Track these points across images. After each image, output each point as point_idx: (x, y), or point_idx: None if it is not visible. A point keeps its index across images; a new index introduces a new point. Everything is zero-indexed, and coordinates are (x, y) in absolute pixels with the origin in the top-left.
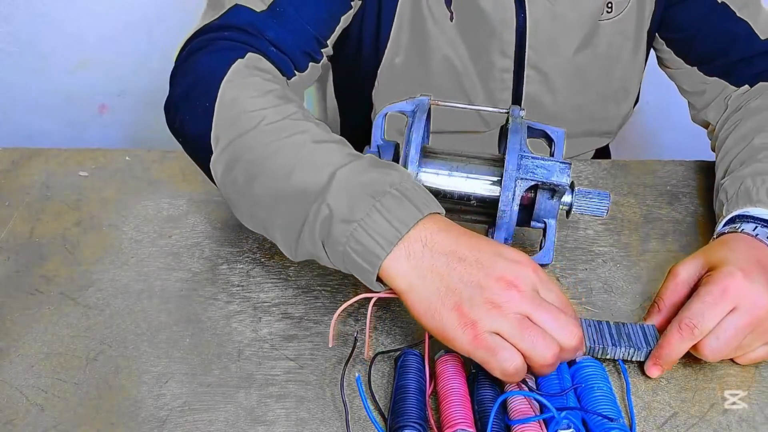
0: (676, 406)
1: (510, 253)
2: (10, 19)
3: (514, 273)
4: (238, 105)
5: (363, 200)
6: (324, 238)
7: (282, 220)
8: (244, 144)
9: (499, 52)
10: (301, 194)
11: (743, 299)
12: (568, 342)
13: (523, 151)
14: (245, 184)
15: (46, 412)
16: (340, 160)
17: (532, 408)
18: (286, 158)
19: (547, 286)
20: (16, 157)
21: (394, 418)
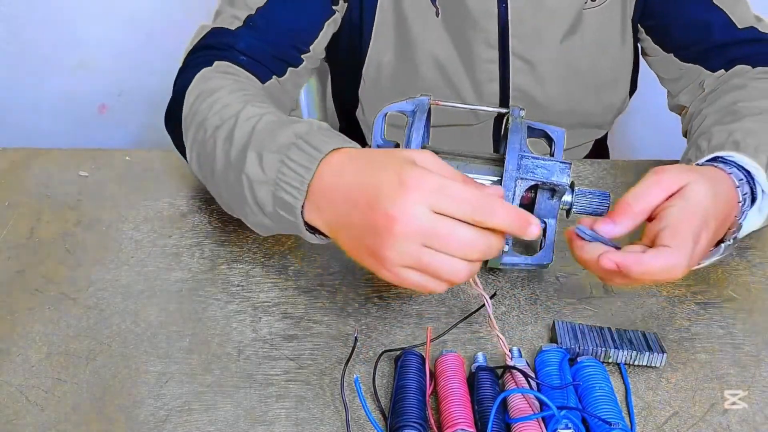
0: (676, 406)
1: (392, 176)
2: (10, 19)
3: (397, 206)
4: (195, 107)
5: (273, 158)
6: (260, 208)
7: (234, 202)
8: (197, 139)
9: (483, 42)
10: (233, 171)
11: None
12: (471, 256)
13: (524, 150)
14: (208, 177)
15: (46, 412)
16: (253, 126)
17: (531, 407)
18: (222, 144)
19: (443, 194)
20: (16, 157)
21: (394, 418)
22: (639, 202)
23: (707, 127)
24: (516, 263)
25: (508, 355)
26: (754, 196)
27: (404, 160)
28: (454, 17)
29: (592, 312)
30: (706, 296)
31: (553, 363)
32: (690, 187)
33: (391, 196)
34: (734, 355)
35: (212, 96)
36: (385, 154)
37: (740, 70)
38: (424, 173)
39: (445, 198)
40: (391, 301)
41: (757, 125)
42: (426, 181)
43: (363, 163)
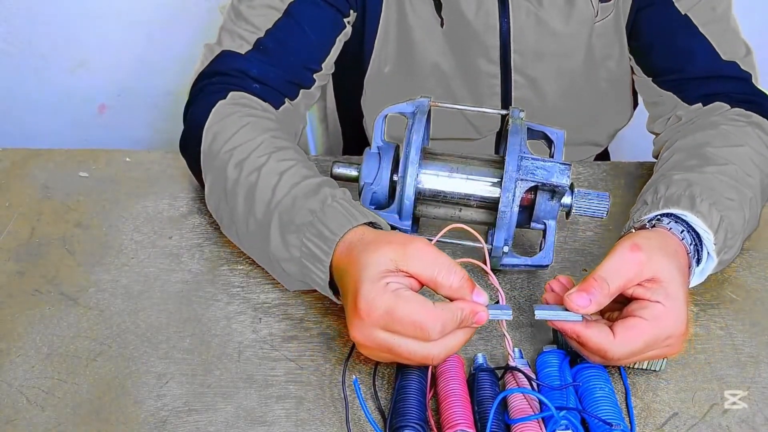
0: (676, 407)
1: (352, 303)
2: (10, 19)
3: (360, 295)
4: (214, 147)
5: (294, 238)
6: (288, 273)
7: (257, 257)
8: (218, 187)
9: (484, 57)
10: (257, 238)
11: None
12: (427, 337)
13: (523, 152)
14: (226, 224)
15: (46, 412)
16: (273, 191)
17: (532, 407)
18: (243, 204)
19: (391, 319)
20: (16, 157)
21: (394, 418)
22: (615, 282)
23: (669, 169)
24: (516, 264)
25: (512, 355)
26: (699, 257)
27: (386, 262)
28: (456, 31)
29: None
30: (706, 297)
31: (554, 364)
32: (669, 283)
33: (351, 319)
34: (734, 356)
35: (231, 140)
36: (375, 246)
37: (718, 107)
38: (376, 299)
39: (393, 322)
40: None
41: (716, 180)
42: (376, 309)
43: (362, 250)
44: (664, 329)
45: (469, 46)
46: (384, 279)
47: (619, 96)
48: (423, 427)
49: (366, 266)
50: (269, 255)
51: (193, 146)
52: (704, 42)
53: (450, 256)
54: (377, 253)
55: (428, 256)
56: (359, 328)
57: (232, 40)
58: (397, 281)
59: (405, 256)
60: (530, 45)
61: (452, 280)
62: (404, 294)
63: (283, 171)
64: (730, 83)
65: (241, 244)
